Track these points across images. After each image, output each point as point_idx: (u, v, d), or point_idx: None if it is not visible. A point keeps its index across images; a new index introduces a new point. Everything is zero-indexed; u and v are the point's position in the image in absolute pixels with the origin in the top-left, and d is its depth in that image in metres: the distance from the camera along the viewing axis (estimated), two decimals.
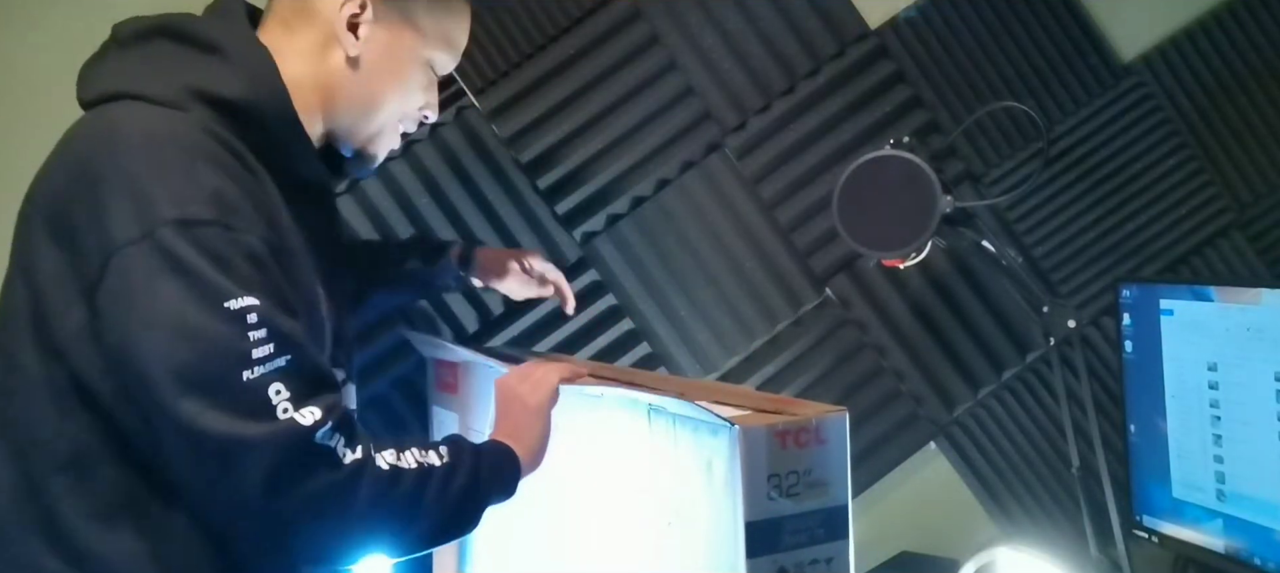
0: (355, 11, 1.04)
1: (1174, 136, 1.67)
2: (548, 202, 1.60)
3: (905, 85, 1.63)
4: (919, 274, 1.63)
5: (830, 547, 0.93)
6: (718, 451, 0.92)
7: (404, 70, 1.09)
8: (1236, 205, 1.69)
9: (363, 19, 1.04)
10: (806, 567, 0.92)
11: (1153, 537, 1.43)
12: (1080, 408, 1.41)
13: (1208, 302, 1.32)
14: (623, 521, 1.08)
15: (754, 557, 0.89)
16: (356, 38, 1.04)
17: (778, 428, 0.91)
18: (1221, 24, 1.68)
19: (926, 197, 1.29)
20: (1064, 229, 1.67)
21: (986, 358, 1.66)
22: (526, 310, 1.59)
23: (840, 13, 1.62)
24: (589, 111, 1.59)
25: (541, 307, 1.59)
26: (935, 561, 1.61)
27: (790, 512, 0.91)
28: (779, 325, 1.63)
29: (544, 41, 1.58)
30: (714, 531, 0.93)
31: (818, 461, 0.92)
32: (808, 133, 1.62)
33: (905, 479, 1.67)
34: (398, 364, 1.55)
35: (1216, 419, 1.33)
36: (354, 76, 1.06)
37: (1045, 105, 1.65)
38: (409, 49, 1.08)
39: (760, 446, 0.90)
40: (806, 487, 0.91)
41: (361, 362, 1.50)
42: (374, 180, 1.58)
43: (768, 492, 0.90)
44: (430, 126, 1.58)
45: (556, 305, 1.46)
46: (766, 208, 1.62)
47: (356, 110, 1.08)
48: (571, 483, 1.14)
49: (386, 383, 1.55)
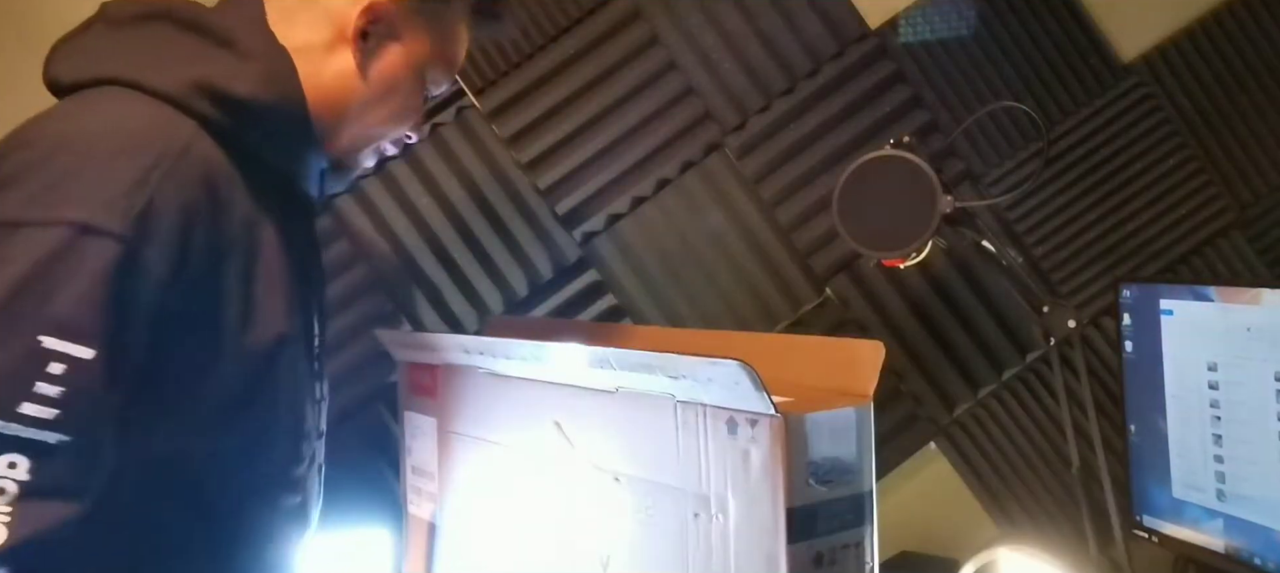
0: (370, 18, 0.97)
1: (1174, 137, 1.67)
2: (548, 202, 1.60)
3: (905, 85, 1.63)
4: (919, 274, 1.63)
5: (858, 532, 0.96)
6: (757, 440, 0.93)
7: (407, 83, 1.03)
8: (1236, 205, 1.69)
9: (375, 27, 0.98)
10: (839, 552, 0.95)
11: (1153, 537, 1.43)
12: (1080, 408, 1.41)
13: (1208, 302, 1.32)
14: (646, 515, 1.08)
15: (794, 543, 0.92)
16: (365, 43, 0.99)
17: (817, 418, 0.93)
18: (1221, 24, 1.68)
19: (926, 197, 1.29)
20: (1064, 229, 1.67)
21: (986, 358, 1.66)
22: (525, 311, 1.60)
23: (840, 13, 1.62)
24: (589, 112, 1.59)
25: (540, 306, 1.60)
26: (935, 561, 1.61)
27: (825, 498, 0.93)
28: (779, 325, 1.63)
29: (544, 41, 1.58)
30: (747, 520, 0.95)
31: (848, 448, 0.95)
32: (808, 133, 1.62)
33: (905, 479, 1.67)
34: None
35: (1216, 419, 1.33)
36: (358, 85, 0.99)
37: (1045, 105, 1.65)
38: (415, 61, 1.03)
39: (801, 434, 0.92)
40: (838, 474, 0.94)
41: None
42: (374, 180, 1.58)
43: (807, 479, 0.92)
44: (430, 127, 1.58)
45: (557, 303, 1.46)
46: (766, 208, 1.63)
47: (354, 120, 1.01)
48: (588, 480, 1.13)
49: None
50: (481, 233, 1.60)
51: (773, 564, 0.92)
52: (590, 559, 1.11)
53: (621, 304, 1.61)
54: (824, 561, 0.94)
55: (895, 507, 1.64)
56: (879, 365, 1.01)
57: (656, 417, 1.03)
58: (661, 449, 1.03)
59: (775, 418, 0.92)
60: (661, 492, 1.04)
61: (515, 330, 1.49)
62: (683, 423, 1.01)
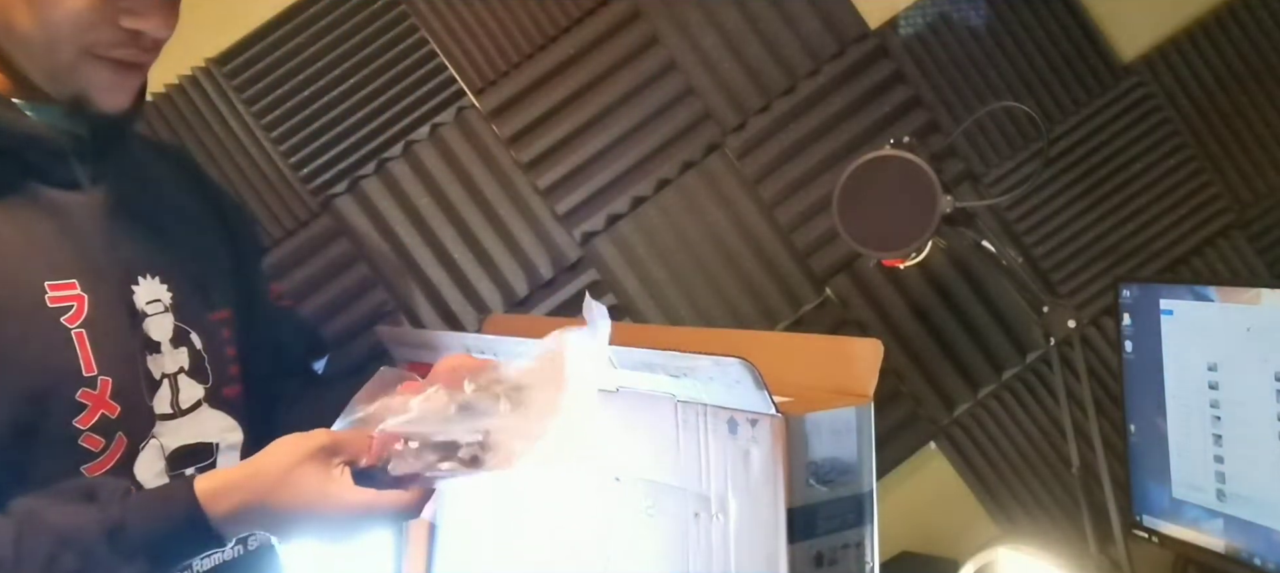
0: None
1: (1174, 137, 1.67)
2: (548, 202, 1.60)
3: (905, 85, 1.63)
4: (919, 274, 1.63)
5: (858, 532, 0.96)
6: (757, 440, 0.93)
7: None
8: (1236, 205, 1.69)
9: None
10: (839, 552, 0.95)
11: (1153, 537, 1.43)
12: (1080, 408, 1.41)
13: (1208, 302, 1.32)
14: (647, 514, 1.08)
15: (794, 543, 0.92)
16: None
17: (817, 417, 0.93)
18: (1221, 24, 1.68)
19: (926, 197, 1.29)
20: (1064, 229, 1.67)
21: (986, 358, 1.66)
22: (525, 311, 1.60)
23: (840, 13, 1.62)
24: (589, 112, 1.59)
25: (540, 305, 1.60)
26: (935, 561, 1.61)
27: (825, 498, 0.94)
28: (779, 325, 1.63)
29: (544, 41, 1.58)
30: (748, 520, 0.95)
31: (848, 448, 0.95)
32: (808, 133, 1.62)
33: (905, 479, 1.67)
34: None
35: (1216, 419, 1.33)
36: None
37: (1045, 105, 1.65)
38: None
39: (801, 434, 0.92)
40: (838, 474, 0.94)
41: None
42: (373, 180, 1.58)
43: (807, 479, 0.92)
44: (430, 127, 1.58)
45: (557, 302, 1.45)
46: (766, 208, 1.63)
47: (25, 38, 0.87)
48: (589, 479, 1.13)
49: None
50: (481, 233, 1.60)
51: (773, 564, 0.92)
52: (591, 559, 1.11)
53: (621, 304, 1.61)
54: (824, 560, 0.94)
55: (895, 507, 1.64)
56: (878, 364, 1.01)
57: (657, 416, 1.03)
58: (662, 449, 1.03)
59: (776, 418, 0.92)
60: (662, 491, 1.04)
61: (515, 329, 1.49)
62: (683, 423, 1.01)
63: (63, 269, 0.91)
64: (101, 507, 0.84)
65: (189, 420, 0.99)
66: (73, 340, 0.90)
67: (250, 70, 1.56)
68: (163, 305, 0.98)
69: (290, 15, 1.56)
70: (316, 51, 1.56)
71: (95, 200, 0.95)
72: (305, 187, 1.58)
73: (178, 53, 1.53)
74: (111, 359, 0.92)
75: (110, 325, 0.93)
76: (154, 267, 0.99)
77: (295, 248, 1.58)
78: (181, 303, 1.00)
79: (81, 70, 0.89)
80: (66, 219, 0.93)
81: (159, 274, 0.99)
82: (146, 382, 0.95)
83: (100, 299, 0.92)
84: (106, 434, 0.91)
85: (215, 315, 1.05)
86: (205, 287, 1.05)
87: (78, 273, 0.91)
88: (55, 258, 0.91)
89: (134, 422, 0.93)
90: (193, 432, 0.99)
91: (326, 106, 1.57)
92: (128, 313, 0.95)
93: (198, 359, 1.01)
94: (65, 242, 0.92)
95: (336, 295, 1.58)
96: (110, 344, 0.92)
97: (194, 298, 1.02)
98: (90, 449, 0.90)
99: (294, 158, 1.57)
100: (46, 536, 0.81)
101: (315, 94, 1.57)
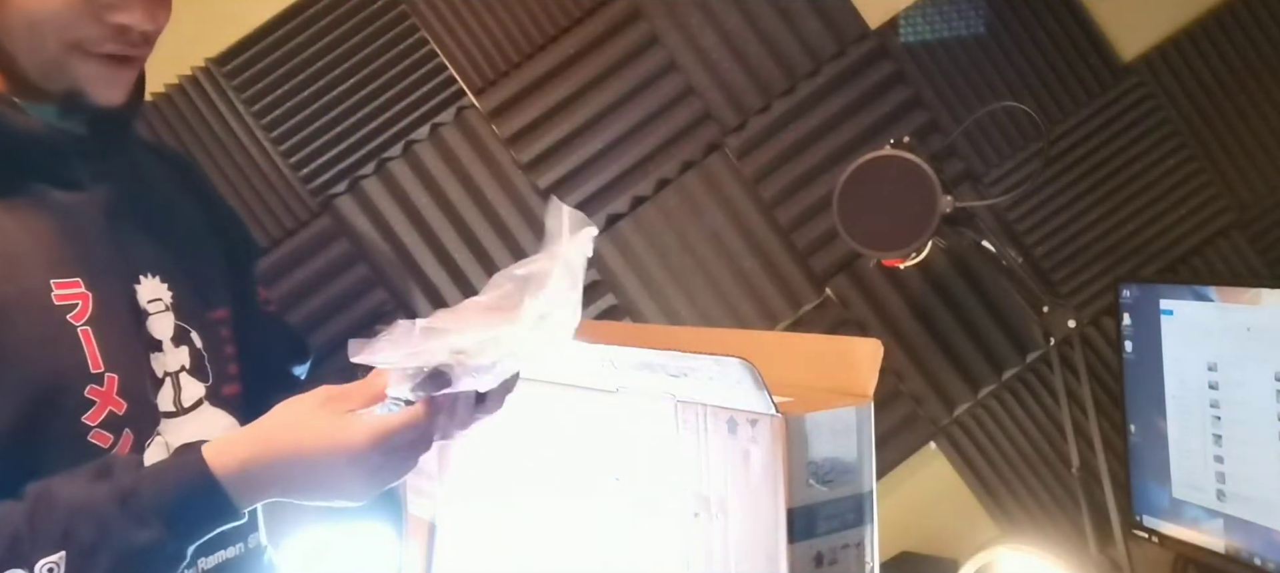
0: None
1: (1174, 136, 1.67)
2: (548, 201, 1.60)
3: (905, 85, 1.63)
4: (919, 274, 1.63)
5: (858, 532, 0.96)
6: (757, 440, 0.93)
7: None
8: (1236, 205, 1.69)
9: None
10: (839, 552, 0.95)
11: (1153, 537, 1.43)
12: (1080, 408, 1.41)
13: (1208, 302, 1.32)
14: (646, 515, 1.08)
15: (794, 543, 0.92)
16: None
17: (817, 417, 0.93)
18: (1221, 24, 1.68)
19: (926, 197, 1.29)
20: (1064, 229, 1.67)
21: (986, 358, 1.66)
22: None
23: (840, 13, 1.62)
24: (589, 112, 1.59)
25: None
26: (935, 561, 1.61)
27: (825, 498, 0.94)
28: (779, 325, 1.63)
29: (544, 41, 1.58)
30: (748, 520, 0.95)
31: (848, 448, 0.95)
32: (808, 133, 1.62)
33: (905, 479, 1.67)
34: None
35: (1216, 419, 1.33)
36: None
37: (1045, 105, 1.65)
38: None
39: (801, 434, 0.92)
40: (838, 474, 0.94)
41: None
42: (373, 180, 1.58)
43: (807, 479, 0.92)
44: (430, 127, 1.58)
45: None
46: (766, 208, 1.63)
47: (13, 36, 0.87)
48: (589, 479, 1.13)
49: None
50: (481, 233, 1.60)
51: (773, 564, 0.92)
52: (591, 559, 1.11)
53: (621, 304, 1.61)
54: (824, 560, 0.94)
55: (895, 507, 1.64)
56: (878, 363, 1.01)
57: (657, 417, 1.04)
58: (662, 449, 1.03)
59: (776, 418, 0.92)
60: (662, 491, 1.04)
61: None
62: (683, 423, 1.01)
63: (67, 267, 0.91)
64: (114, 479, 0.84)
65: (191, 419, 0.99)
66: (79, 338, 0.90)
67: (250, 70, 1.56)
68: (164, 304, 0.99)
69: (290, 15, 1.56)
70: (316, 51, 1.56)
71: (97, 199, 0.96)
72: (305, 187, 1.58)
73: (178, 53, 1.53)
74: (117, 356, 0.92)
75: (115, 323, 0.93)
76: (155, 266, 0.99)
77: (295, 248, 1.58)
78: (182, 302, 1.00)
79: (72, 66, 0.89)
80: (69, 218, 0.93)
81: (160, 273, 0.99)
82: (150, 380, 0.96)
83: (104, 297, 0.92)
84: (114, 431, 0.91)
85: (214, 315, 1.06)
86: (204, 286, 1.05)
87: (82, 271, 0.92)
88: (59, 256, 0.91)
89: (140, 419, 0.94)
90: (196, 430, 0.99)
91: (326, 107, 1.57)
92: (131, 311, 0.95)
93: (198, 358, 1.01)
94: (68, 240, 0.92)
95: (336, 295, 1.58)
96: (116, 341, 0.92)
97: (193, 297, 1.02)
98: (99, 446, 0.90)
99: (294, 158, 1.57)
100: (60, 510, 0.81)
101: (315, 94, 1.57)
